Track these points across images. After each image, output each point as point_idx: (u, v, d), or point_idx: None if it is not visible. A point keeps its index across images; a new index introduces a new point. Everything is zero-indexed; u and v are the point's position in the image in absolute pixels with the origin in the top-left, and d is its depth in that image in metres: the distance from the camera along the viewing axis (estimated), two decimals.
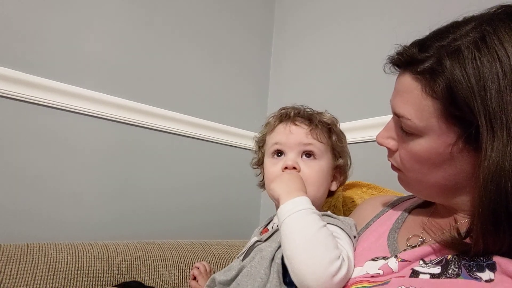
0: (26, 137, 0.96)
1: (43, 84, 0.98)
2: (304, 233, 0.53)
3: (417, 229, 0.57)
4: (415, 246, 0.53)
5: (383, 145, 0.57)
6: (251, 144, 0.84)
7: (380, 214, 0.67)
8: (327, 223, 0.61)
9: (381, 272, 0.50)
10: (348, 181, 0.89)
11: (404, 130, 0.51)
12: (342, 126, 1.18)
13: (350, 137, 1.15)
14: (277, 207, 0.61)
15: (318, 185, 0.67)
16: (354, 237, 0.62)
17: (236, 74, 1.47)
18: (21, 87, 0.94)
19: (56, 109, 1.00)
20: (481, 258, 0.43)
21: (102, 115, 1.08)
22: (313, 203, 0.64)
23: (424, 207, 0.62)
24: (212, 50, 1.39)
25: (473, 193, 0.44)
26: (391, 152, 0.57)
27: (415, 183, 0.54)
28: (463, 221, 0.52)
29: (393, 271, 0.49)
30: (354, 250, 0.60)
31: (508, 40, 0.42)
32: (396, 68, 0.54)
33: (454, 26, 0.47)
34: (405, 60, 0.50)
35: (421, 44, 0.49)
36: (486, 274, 0.41)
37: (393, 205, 0.68)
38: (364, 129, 1.15)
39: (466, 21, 0.47)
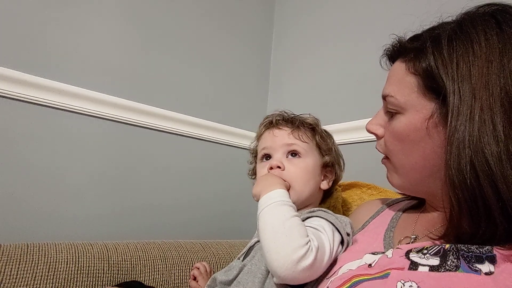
0: (26, 138, 0.96)
1: (43, 84, 0.98)
2: (272, 224, 0.56)
3: (409, 228, 0.58)
4: (408, 243, 0.54)
5: (371, 132, 0.61)
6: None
7: (375, 215, 0.68)
8: (318, 216, 0.63)
9: (376, 259, 0.50)
10: (347, 182, 0.90)
11: (389, 111, 0.55)
12: (341, 126, 1.20)
13: (349, 137, 1.16)
14: None
15: (304, 181, 0.69)
16: (348, 234, 0.63)
17: (236, 74, 1.47)
18: (21, 87, 0.94)
19: (56, 109, 1.00)
20: (480, 250, 0.43)
21: (102, 115, 1.08)
22: (301, 199, 0.68)
23: (417, 207, 0.64)
24: (212, 50, 1.39)
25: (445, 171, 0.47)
26: (378, 139, 0.60)
27: (400, 168, 0.56)
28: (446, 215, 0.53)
29: (387, 257, 0.49)
30: (346, 248, 0.62)
31: (480, 24, 0.47)
32: (390, 62, 0.59)
33: (443, 23, 0.53)
34: (397, 50, 0.57)
35: (413, 37, 0.56)
36: (486, 266, 0.41)
37: (388, 205, 0.69)
38: (363, 129, 1.14)
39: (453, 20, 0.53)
